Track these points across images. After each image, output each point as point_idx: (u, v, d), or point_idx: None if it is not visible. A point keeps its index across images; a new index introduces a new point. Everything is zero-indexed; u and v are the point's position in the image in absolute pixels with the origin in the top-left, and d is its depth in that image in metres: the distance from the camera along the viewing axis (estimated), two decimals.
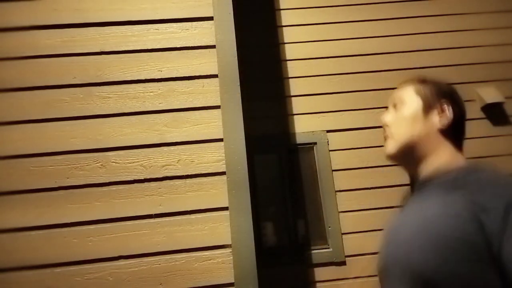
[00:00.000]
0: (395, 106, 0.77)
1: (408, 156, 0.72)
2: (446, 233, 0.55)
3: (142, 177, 1.22)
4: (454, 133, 0.71)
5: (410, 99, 0.74)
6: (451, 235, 0.54)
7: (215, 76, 1.34)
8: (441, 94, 0.72)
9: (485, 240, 0.51)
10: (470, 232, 0.53)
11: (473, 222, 0.53)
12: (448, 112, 0.70)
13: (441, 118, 0.70)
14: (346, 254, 1.88)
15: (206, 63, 1.35)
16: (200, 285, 1.14)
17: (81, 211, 1.18)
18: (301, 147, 2.06)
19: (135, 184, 1.22)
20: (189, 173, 1.24)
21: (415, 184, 0.72)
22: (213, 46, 1.36)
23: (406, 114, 0.73)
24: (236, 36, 1.38)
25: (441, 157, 0.69)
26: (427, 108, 0.72)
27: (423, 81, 0.76)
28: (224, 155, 1.25)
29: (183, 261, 1.16)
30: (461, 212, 0.55)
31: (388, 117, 0.78)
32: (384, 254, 0.70)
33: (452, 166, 0.66)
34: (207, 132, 1.28)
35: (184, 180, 1.23)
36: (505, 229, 0.50)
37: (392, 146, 0.74)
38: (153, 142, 1.26)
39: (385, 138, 0.77)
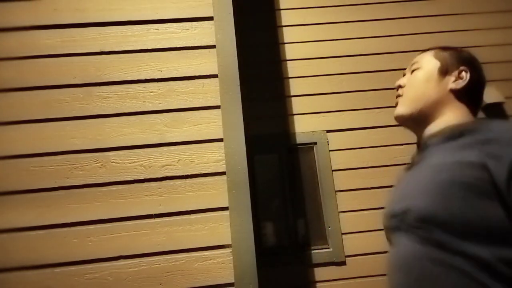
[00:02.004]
0: (411, 69, 0.76)
1: (419, 118, 0.71)
2: (453, 178, 0.55)
3: (142, 177, 1.22)
4: (469, 98, 0.69)
5: (427, 62, 0.73)
6: (458, 180, 0.55)
7: (215, 76, 1.34)
8: (460, 59, 0.71)
9: (492, 184, 0.52)
10: (477, 177, 0.53)
11: (479, 168, 0.53)
12: (466, 77, 0.69)
13: (457, 82, 0.69)
14: (346, 254, 1.87)
15: (206, 63, 1.35)
16: (200, 285, 1.14)
17: (81, 211, 1.18)
18: (301, 147, 2.06)
19: (135, 184, 1.22)
20: (189, 173, 1.24)
21: (422, 141, 0.71)
22: (213, 46, 1.36)
23: (421, 76, 0.72)
24: (236, 36, 1.38)
25: (451, 117, 0.68)
26: (444, 71, 0.70)
27: (443, 47, 0.75)
28: (224, 155, 1.25)
29: (183, 261, 1.16)
30: (467, 158, 0.55)
31: (403, 79, 0.77)
32: (393, 207, 0.70)
33: (460, 122, 0.65)
34: (207, 132, 1.28)
35: (184, 180, 1.23)
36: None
37: (401, 107, 0.73)
38: (153, 142, 1.26)
39: (397, 100, 0.76)
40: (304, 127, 2.08)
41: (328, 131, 2.07)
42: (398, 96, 0.76)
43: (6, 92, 1.27)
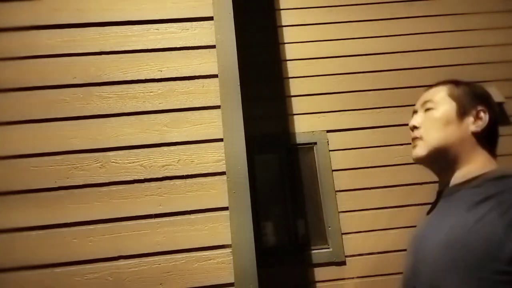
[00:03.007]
0: (425, 108, 0.73)
1: (439, 161, 0.69)
2: (479, 256, 0.53)
3: (142, 177, 1.22)
4: (489, 139, 0.68)
5: (443, 101, 0.70)
6: (485, 260, 0.52)
7: (215, 76, 1.34)
8: (477, 98, 0.69)
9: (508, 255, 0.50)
10: (496, 253, 0.51)
11: (499, 240, 0.51)
12: (485, 117, 0.67)
13: (476, 123, 0.67)
14: (346, 254, 1.87)
15: (206, 63, 1.35)
16: (200, 285, 1.14)
17: (81, 211, 1.18)
18: (301, 147, 2.06)
19: (135, 184, 1.22)
20: (189, 173, 1.24)
21: (445, 190, 0.69)
22: (213, 46, 1.36)
23: (439, 116, 0.69)
24: (236, 36, 1.38)
25: (474, 164, 0.65)
26: (462, 112, 0.68)
27: (456, 83, 0.72)
28: (224, 155, 1.25)
29: (183, 261, 1.16)
30: (493, 229, 0.52)
31: (417, 118, 0.73)
32: (412, 269, 0.68)
33: (482, 171, 0.63)
34: (207, 132, 1.28)
35: (184, 180, 1.23)
36: None
37: (422, 149, 0.70)
38: (153, 142, 1.26)
39: (413, 140, 0.73)
40: (304, 127, 2.08)
41: (328, 131, 2.07)
42: (415, 138, 0.72)
43: (6, 92, 1.27)
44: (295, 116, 2.09)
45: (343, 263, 1.86)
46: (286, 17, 2.25)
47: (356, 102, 2.12)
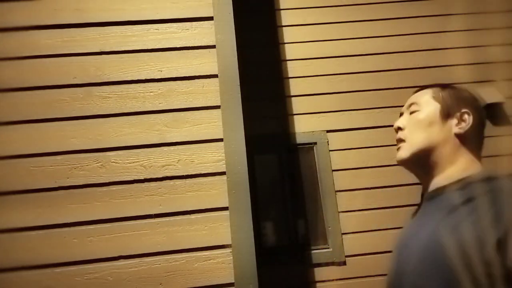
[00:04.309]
0: (410, 110, 0.73)
1: (422, 163, 0.68)
2: (454, 260, 0.53)
3: (142, 177, 1.22)
4: (473, 141, 0.67)
5: (427, 103, 0.70)
6: (459, 263, 0.52)
7: (215, 76, 1.34)
8: (461, 101, 0.68)
9: (499, 256, 0.49)
10: (481, 257, 0.50)
11: (483, 242, 0.51)
12: (468, 120, 0.66)
13: (460, 125, 0.66)
14: (346, 254, 1.87)
15: (206, 63, 1.35)
16: (200, 285, 1.14)
17: (81, 211, 1.18)
18: (301, 147, 2.06)
19: (135, 184, 1.22)
20: (189, 173, 1.24)
21: (427, 193, 0.69)
22: (213, 46, 1.36)
23: (422, 118, 0.69)
24: (236, 36, 1.38)
25: (457, 166, 0.65)
26: (446, 114, 0.68)
27: (441, 86, 0.72)
28: (224, 155, 1.25)
29: (183, 261, 1.16)
30: (470, 233, 0.52)
31: (402, 120, 0.74)
32: (395, 269, 0.68)
33: (465, 174, 0.63)
34: (207, 132, 1.28)
35: (184, 180, 1.23)
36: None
37: (405, 151, 0.70)
38: (153, 142, 1.26)
39: (398, 142, 0.73)
40: (304, 127, 2.08)
41: (328, 131, 2.07)
42: (400, 140, 0.73)
43: (6, 92, 1.27)
44: (295, 116, 2.09)
45: (343, 263, 1.86)
46: (286, 17, 2.25)
47: (356, 102, 2.12)
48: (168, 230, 1.18)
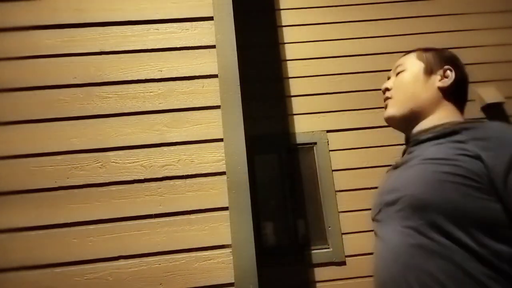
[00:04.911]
0: (396, 72, 0.78)
1: (408, 118, 0.73)
2: (449, 169, 0.56)
3: (142, 177, 1.22)
4: (456, 97, 0.71)
5: (411, 63, 0.76)
6: (454, 172, 0.55)
7: (215, 76, 1.34)
8: (443, 59, 0.73)
9: (489, 179, 0.53)
10: (470, 168, 0.54)
11: (473, 160, 0.54)
12: (451, 75, 0.70)
13: (443, 80, 0.71)
14: (346, 254, 1.87)
15: (206, 63, 1.35)
16: (200, 285, 1.14)
17: (81, 211, 1.18)
18: (301, 147, 2.06)
19: (135, 184, 1.22)
20: (189, 173, 1.24)
21: (412, 138, 0.73)
22: (213, 46, 1.36)
23: (407, 77, 0.74)
24: (236, 36, 1.38)
25: (442, 115, 0.69)
26: (429, 71, 0.72)
27: (424, 48, 0.78)
28: (224, 155, 1.25)
29: (183, 261, 1.16)
30: (461, 151, 0.56)
31: (389, 82, 0.79)
32: (382, 198, 0.71)
33: (449, 120, 0.67)
34: (207, 132, 1.28)
35: (184, 180, 1.23)
36: (510, 169, 0.52)
37: (392, 108, 0.75)
38: (153, 142, 1.26)
39: (385, 101, 0.78)
40: (304, 127, 2.07)
41: (328, 131, 2.07)
42: (387, 98, 0.78)
43: (6, 92, 1.27)
44: (295, 116, 2.09)
45: (343, 263, 1.86)
46: (286, 17, 2.25)
47: (356, 102, 2.12)
48: (168, 230, 1.18)
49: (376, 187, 0.84)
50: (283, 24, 2.24)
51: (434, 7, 2.32)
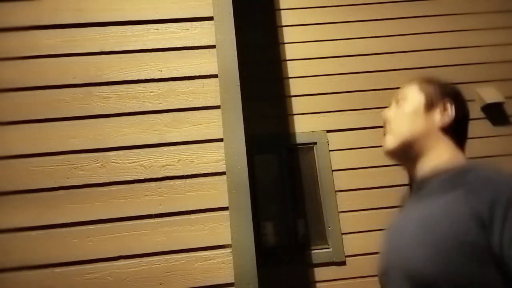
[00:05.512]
0: (397, 102, 0.77)
1: (407, 153, 0.71)
2: (446, 235, 0.54)
3: (142, 177, 1.22)
4: (456, 133, 0.69)
5: (412, 96, 0.74)
6: (451, 237, 0.53)
7: (215, 76, 1.34)
8: (445, 93, 0.71)
9: (486, 239, 0.51)
10: (471, 233, 0.52)
11: (473, 222, 0.52)
12: (451, 111, 0.69)
13: (443, 116, 0.69)
14: (346, 254, 1.87)
15: (206, 63, 1.35)
16: (200, 285, 1.14)
17: (81, 211, 1.18)
18: (301, 147, 2.06)
19: (135, 184, 1.22)
20: (189, 173, 1.24)
21: (414, 183, 0.71)
22: (213, 46, 1.36)
23: (407, 110, 0.72)
24: (236, 36, 1.38)
25: (441, 155, 0.67)
26: (429, 105, 0.71)
27: (428, 80, 0.76)
28: (224, 155, 1.25)
29: (183, 261, 1.16)
30: (461, 212, 0.54)
31: (389, 112, 0.78)
32: (385, 258, 0.70)
33: (451, 165, 0.65)
34: (207, 132, 1.28)
35: (184, 180, 1.23)
36: (505, 227, 0.50)
37: (391, 142, 0.73)
38: (153, 142, 1.26)
39: (385, 134, 0.77)
40: (304, 127, 2.07)
41: (328, 131, 2.07)
42: (386, 131, 0.76)
43: (6, 92, 1.27)
44: (295, 116, 2.09)
45: (343, 263, 1.86)
46: (286, 17, 2.25)
47: (356, 102, 2.12)
48: (168, 230, 1.18)
49: (376, 187, 0.84)
50: (283, 24, 2.24)
51: (434, 7, 2.32)
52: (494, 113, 2.14)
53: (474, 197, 0.54)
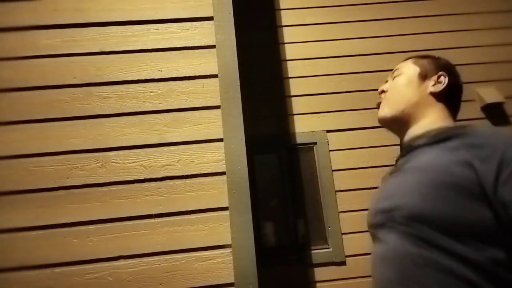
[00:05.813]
0: (393, 76, 0.81)
1: (401, 120, 0.74)
2: (442, 178, 0.57)
3: (142, 177, 1.22)
4: (449, 101, 0.73)
5: (407, 68, 0.78)
6: (447, 180, 0.56)
7: (215, 76, 1.34)
8: (439, 65, 0.75)
9: (479, 185, 0.54)
10: (465, 177, 0.55)
11: (467, 168, 0.55)
12: (444, 81, 0.72)
13: (436, 85, 0.72)
14: (346, 254, 1.87)
15: (206, 63, 1.35)
16: (200, 285, 1.14)
17: (81, 211, 1.18)
18: (301, 147, 2.06)
19: (135, 184, 1.22)
20: (189, 173, 1.24)
21: (405, 142, 0.74)
22: (213, 46, 1.36)
23: (402, 79, 0.77)
24: (236, 36, 1.38)
25: (433, 121, 0.70)
26: (424, 76, 0.74)
27: (422, 55, 0.80)
28: (224, 155, 1.25)
29: (183, 261, 1.16)
30: (455, 158, 0.57)
31: (385, 85, 0.82)
32: (379, 204, 0.71)
33: (443, 126, 0.67)
34: (207, 132, 1.28)
35: (184, 180, 1.23)
36: (499, 175, 0.52)
37: (385, 110, 0.78)
38: (153, 142, 1.26)
39: (379, 103, 0.81)
40: (304, 127, 2.08)
41: (328, 131, 2.07)
42: (381, 100, 0.81)
43: (6, 92, 1.27)
44: (295, 116, 2.09)
45: (343, 263, 1.86)
46: (286, 17, 2.25)
47: (356, 102, 2.13)
48: (168, 230, 1.18)
49: (376, 187, 0.84)
50: (283, 24, 2.24)
51: (434, 7, 2.32)
52: (494, 113, 2.14)
53: (467, 146, 0.57)
